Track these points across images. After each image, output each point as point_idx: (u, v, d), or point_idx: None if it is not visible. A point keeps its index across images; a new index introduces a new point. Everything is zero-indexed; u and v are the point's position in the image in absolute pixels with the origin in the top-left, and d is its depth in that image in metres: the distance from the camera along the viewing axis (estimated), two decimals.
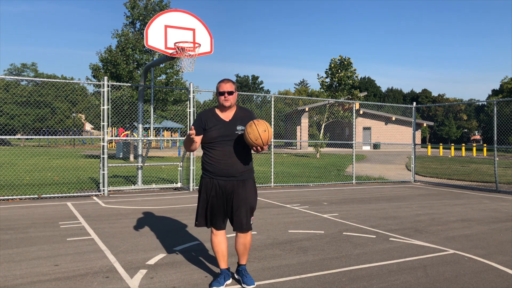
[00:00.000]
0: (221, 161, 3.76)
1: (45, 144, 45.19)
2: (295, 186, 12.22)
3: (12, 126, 42.14)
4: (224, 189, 3.79)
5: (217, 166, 3.77)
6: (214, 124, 3.80)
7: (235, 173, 3.78)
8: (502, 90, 57.81)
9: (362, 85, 77.35)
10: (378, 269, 4.46)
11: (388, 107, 52.40)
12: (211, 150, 3.81)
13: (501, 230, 6.47)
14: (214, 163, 3.78)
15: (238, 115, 3.88)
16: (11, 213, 7.41)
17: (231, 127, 3.79)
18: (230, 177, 3.78)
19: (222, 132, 3.77)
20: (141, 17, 21.43)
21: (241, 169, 3.80)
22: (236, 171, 3.78)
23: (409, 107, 14.77)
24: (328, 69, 28.71)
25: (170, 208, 8.10)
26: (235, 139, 3.77)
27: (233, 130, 3.78)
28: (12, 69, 47.69)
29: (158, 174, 15.05)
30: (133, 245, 5.29)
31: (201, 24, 9.82)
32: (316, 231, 6.21)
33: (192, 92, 10.72)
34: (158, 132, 46.41)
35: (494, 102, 11.71)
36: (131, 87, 21.84)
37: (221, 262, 3.92)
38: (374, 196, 10.32)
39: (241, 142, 3.78)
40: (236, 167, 3.78)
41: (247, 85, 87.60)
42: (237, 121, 3.82)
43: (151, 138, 10.58)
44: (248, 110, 3.97)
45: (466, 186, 12.61)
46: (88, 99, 47.04)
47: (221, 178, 3.78)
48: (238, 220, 3.80)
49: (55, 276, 4.14)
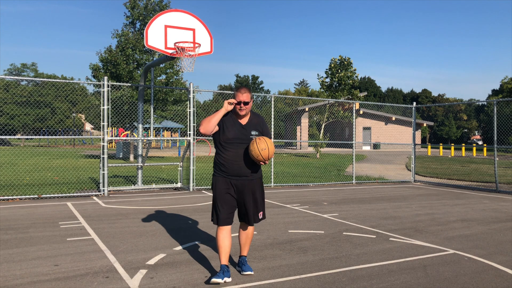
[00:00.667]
0: (234, 162, 4.05)
1: (45, 144, 45.20)
2: (295, 186, 12.22)
3: (12, 126, 42.14)
4: (236, 187, 4.09)
5: (230, 166, 4.05)
6: (232, 125, 4.07)
7: (247, 173, 4.09)
8: (502, 90, 57.84)
9: (362, 85, 77.35)
10: (378, 269, 4.46)
11: (388, 107, 52.41)
12: (224, 151, 4.08)
13: (501, 230, 6.47)
14: (227, 164, 4.06)
15: (252, 121, 4.17)
16: (11, 213, 7.41)
17: (246, 131, 4.09)
18: (242, 177, 4.08)
19: (238, 135, 4.06)
20: (141, 17, 21.42)
21: (251, 170, 4.10)
22: (247, 171, 4.08)
23: (409, 107, 14.77)
24: (328, 69, 28.71)
25: (170, 208, 8.11)
26: (248, 143, 4.05)
27: (248, 134, 4.08)
28: (12, 69, 47.68)
29: (158, 174, 15.05)
30: (133, 245, 5.29)
31: (201, 24, 9.82)
32: (316, 231, 6.21)
33: (192, 92, 10.72)
34: (158, 132, 46.40)
35: (494, 102, 11.71)
36: (131, 87, 21.85)
37: (223, 258, 4.06)
38: (374, 196, 10.32)
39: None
40: (247, 168, 4.07)
41: (247, 85, 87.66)
42: (252, 127, 4.13)
43: (151, 138, 10.57)
44: (259, 116, 4.26)
45: (466, 186, 12.61)
46: (88, 99, 47.07)
47: (233, 177, 4.08)
48: (245, 214, 4.16)
49: (55, 276, 4.14)
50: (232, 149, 4.04)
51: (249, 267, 4.28)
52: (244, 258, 4.35)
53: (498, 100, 11.76)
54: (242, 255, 4.36)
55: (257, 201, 4.17)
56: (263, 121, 4.23)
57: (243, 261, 4.33)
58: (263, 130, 4.18)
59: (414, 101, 18.45)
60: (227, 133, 4.03)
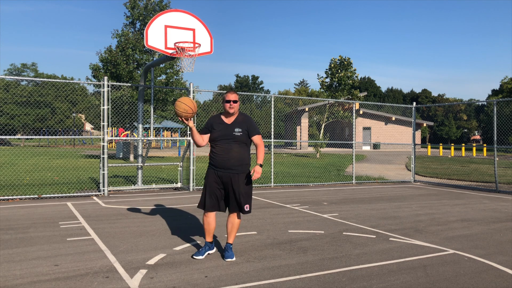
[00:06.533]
0: (220, 155, 4.60)
1: (45, 144, 45.19)
2: (295, 186, 12.22)
3: (12, 126, 42.13)
4: (222, 178, 4.62)
5: (217, 159, 4.62)
6: (218, 126, 4.66)
7: (231, 166, 4.59)
8: (502, 90, 57.83)
9: (362, 85, 77.32)
10: (378, 269, 4.46)
11: (388, 107, 52.40)
12: (214, 147, 4.67)
13: (501, 230, 6.47)
14: (216, 157, 4.64)
15: (237, 119, 4.71)
16: (11, 213, 7.41)
17: (230, 129, 4.63)
18: (227, 169, 4.60)
19: (223, 132, 4.62)
20: (141, 17, 21.42)
21: (236, 164, 4.60)
22: (232, 165, 4.59)
23: (409, 107, 14.77)
24: (328, 69, 28.71)
25: (170, 208, 8.11)
26: (233, 139, 4.59)
27: (231, 131, 4.62)
28: (12, 69, 47.69)
29: (158, 174, 15.05)
30: (133, 245, 5.30)
31: (201, 24, 9.82)
32: (316, 231, 6.21)
33: (192, 92, 10.72)
34: (158, 132, 46.41)
35: (494, 102, 11.71)
36: (131, 87, 21.84)
37: (207, 236, 4.80)
38: (374, 196, 10.32)
39: (237, 141, 4.60)
40: (232, 162, 4.58)
41: (247, 85, 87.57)
42: (236, 125, 4.66)
43: (151, 138, 10.57)
44: (246, 115, 4.78)
45: (466, 186, 12.61)
46: (88, 99, 47.08)
47: (220, 169, 4.62)
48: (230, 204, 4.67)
49: (55, 276, 4.14)
50: (219, 145, 4.61)
51: (230, 254, 4.69)
52: (229, 245, 4.78)
53: (498, 100, 11.76)
54: (228, 242, 4.80)
55: (240, 194, 4.58)
56: (249, 119, 4.74)
57: (227, 248, 4.76)
58: (248, 127, 4.66)
59: (414, 101, 18.45)
60: (214, 133, 4.64)
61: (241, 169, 4.62)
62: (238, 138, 4.59)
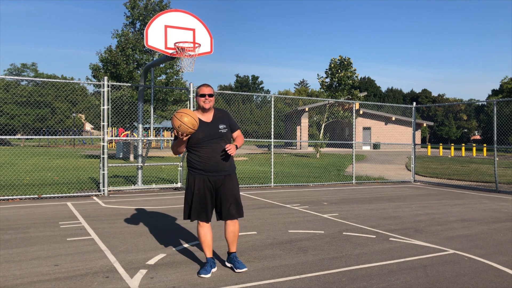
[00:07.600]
0: (211, 158, 4.13)
1: (45, 144, 45.18)
2: (295, 186, 12.22)
3: (12, 126, 42.15)
4: (214, 183, 4.18)
5: (207, 163, 4.13)
6: (199, 126, 4.10)
7: (224, 168, 4.19)
8: (502, 90, 57.84)
9: (362, 85, 77.33)
10: (378, 269, 4.46)
11: (388, 107, 52.40)
12: (199, 149, 4.15)
13: (501, 230, 6.47)
14: (204, 161, 4.14)
15: (217, 115, 4.27)
16: (11, 213, 7.41)
17: (214, 127, 4.18)
18: (220, 172, 4.17)
19: (208, 132, 4.13)
20: (141, 17, 21.43)
21: (228, 164, 4.21)
22: (225, 165, 4.19)
23: (409, 107, 14.77)
24: (328, 69, 28.71)
25: (170, 208, 8.11)
26: (220, 137, 4.17)
27: (217, 129, 4.18)
28: (12, 69, 47.74)
29: (158, 174, 15.05)
30: (133, 245, 5.29)
31: (201, 24, 9.82)
32: (316, 231, 6.21)
33: (192, 92, 10.72)
34: (158, 132, 46.42)
35: (494, 102, 11.71)
36: (131, 87, 21.84)
37: (207, 251, 4.29)
38: (374, 196, 10.32)
39: (224, 139, 4.19)
40: (224, 163, 4.18)
41: (247, 85, 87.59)
42: (218, 121, 4.22)
43: (151, 138, 10.57)
44: (223, 110, 4.35)
45: (466, 186, 12.61)
46: (88, 99, 47.07)
47: (212, 173, 4.16)
48: (226, 209, 4.21)
49: (55, 276, 4.14)
50: (206, 147, 4.12)
51: (242, 264, 4.33)
52: (234, 254, 4.39)
53: (498, 100, 11.76)
54: (232, 251, 4.39)
55: (236, 196, 4.24)
56: (227, 114, 4.32)
57: (234, 258, 4.36)
58: (230, 122, 4.27)
59: (414, 101, 18.45)
60: (197, 134, 4.09)
61: (232, 169, 4.26)
62: (225, 136, 4.18)
